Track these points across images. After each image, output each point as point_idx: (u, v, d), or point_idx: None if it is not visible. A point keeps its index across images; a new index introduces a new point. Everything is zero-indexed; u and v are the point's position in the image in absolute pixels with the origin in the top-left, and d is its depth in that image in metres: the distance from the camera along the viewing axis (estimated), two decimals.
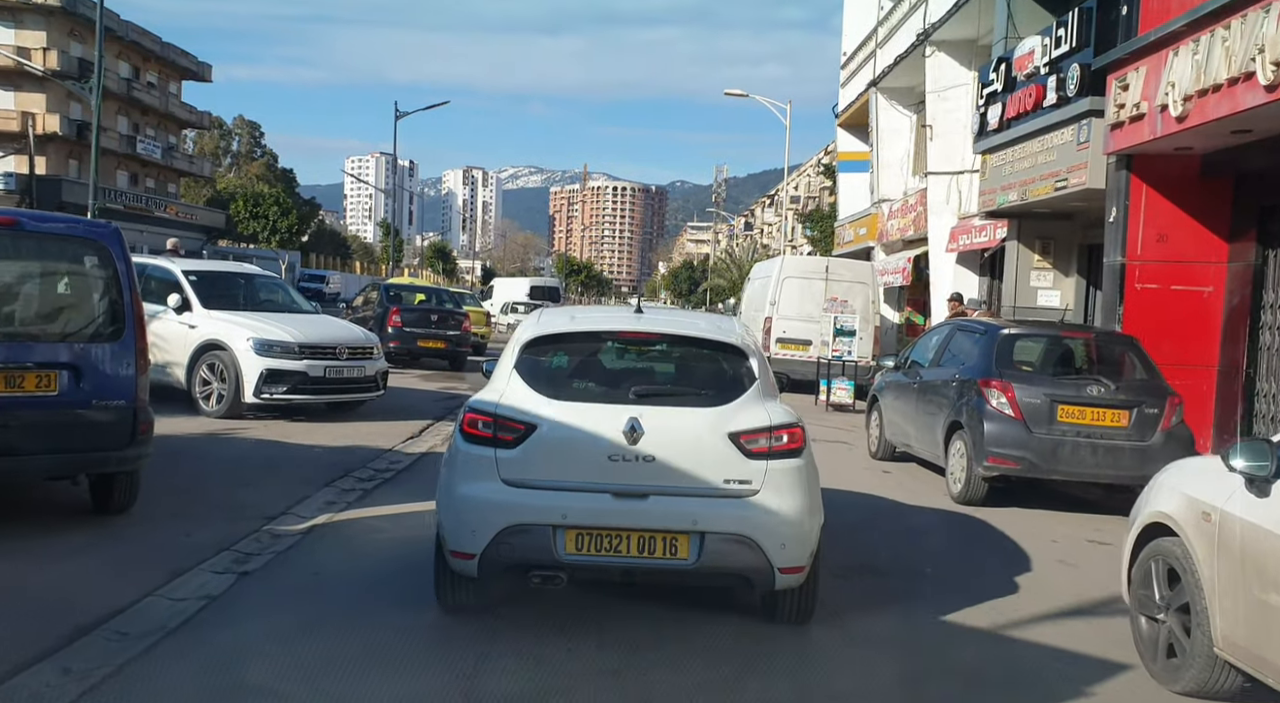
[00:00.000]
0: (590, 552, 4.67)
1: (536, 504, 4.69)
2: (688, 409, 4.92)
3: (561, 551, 4.66)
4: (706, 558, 4.64)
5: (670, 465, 4.72)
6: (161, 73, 63.04)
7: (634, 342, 5.42)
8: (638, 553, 4.67)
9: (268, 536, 6.68)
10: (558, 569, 4.71)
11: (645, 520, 4.66)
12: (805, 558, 4.83)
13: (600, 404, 4.89)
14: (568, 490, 4.72)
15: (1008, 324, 9.78)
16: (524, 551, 4.67)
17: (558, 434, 4.78)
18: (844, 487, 9.93)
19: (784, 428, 4.89)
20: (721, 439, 4.78)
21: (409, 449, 10.44)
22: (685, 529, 4.65)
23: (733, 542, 4.65)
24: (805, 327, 19.17)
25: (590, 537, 4.66)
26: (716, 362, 5.29)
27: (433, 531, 5.06)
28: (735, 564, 4.69)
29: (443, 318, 20.41)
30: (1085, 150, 12.34)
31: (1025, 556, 7.32)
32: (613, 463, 4.71)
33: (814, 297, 19.27)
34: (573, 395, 4.98)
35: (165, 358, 12.03)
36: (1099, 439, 8.65)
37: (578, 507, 4.68)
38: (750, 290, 22.55)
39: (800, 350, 19.23)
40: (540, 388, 4.96)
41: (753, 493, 4.75)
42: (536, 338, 5.21)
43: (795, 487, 4.83)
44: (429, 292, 23.22)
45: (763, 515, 4.70)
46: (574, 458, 4.77)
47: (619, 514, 4.67)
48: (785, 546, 4.71)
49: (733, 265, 76.95)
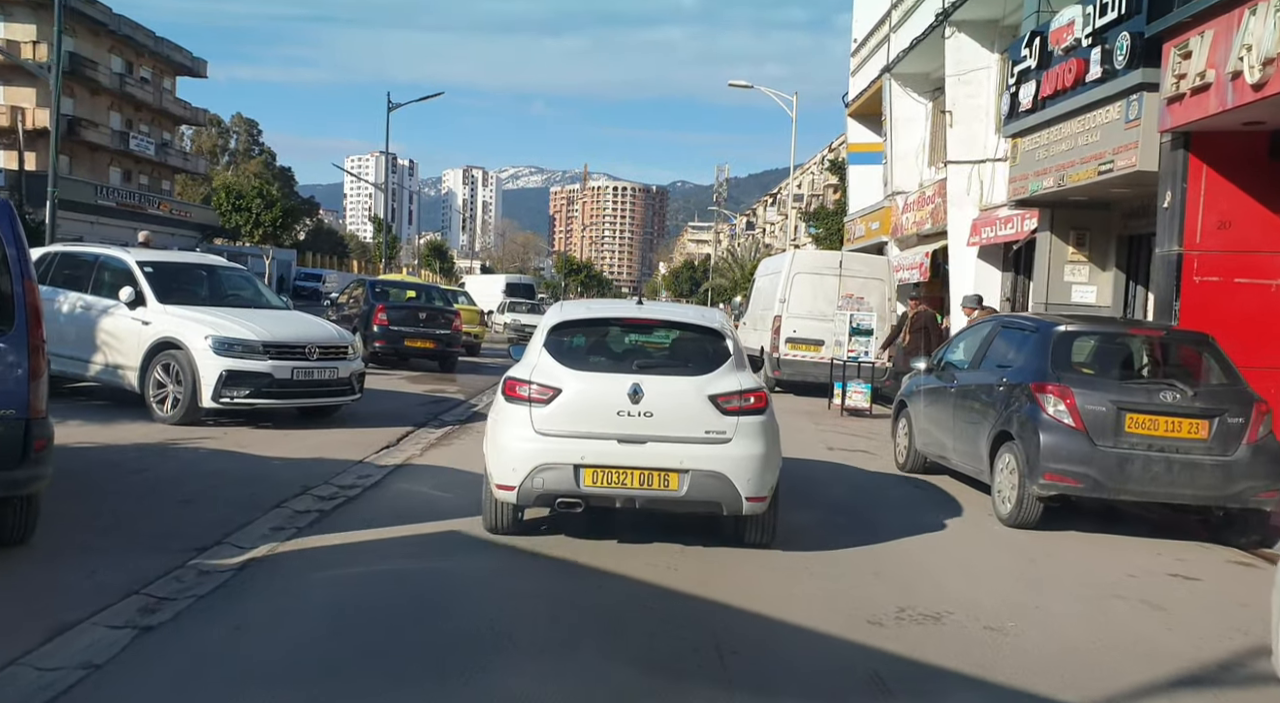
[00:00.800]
0: (603, 484, 6.03)
1: (561, 448, 6.04)
2: (678, 377, 6.28)
3: (581, 483, 6.03)
4: (692, 490, 6.02)
5: (664, 419, 6.08)
6: (155, 68, 61.94)
7: (636, 326, 6.87)
8: (639, 486, 6.04)
9: (192, 573, 5.50)
10: (578, 498, 6.08)
11: (645, 461, 6.03)
12: (766, 490, 6.18)
13: (610, 373, 6.26)
14: (585, 438, 6.05)
15: (1062, 319, 8.57)
16: (552, 483, 6.03)
17: (578, 396, 6.13)
18: (874, 507, 8.74)
19: (751, 392, 6.25)
20: (703, 400, 6.13)
21: (382, 461, 9.25)
22: (675, 468, 6.02)
23: (711, 477, 6.01)
24: (817, 326, 17.97)
25: (603, 473, 6.03)
26: (700, 342, 6.61)
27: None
28: (713, 494, 6.04)
29: (432, 316, 19.20)
30: (1135, 128, 11.13)
31: (1101, 596, 6.14)
32: (620, 417, 6.05)
33: (827, 293, 18.07)
34: (589, 367, 6.38)
35: (117, 358, 10.89)
36: (1174, 453, 7.45)
37: (593, 450, 6.03)
38: (757, 288, 21.34)
39: (812, 351, 18.03)
40: (563, 361, 6.32)
41: (726, 440, 6.10)
42: (560, 323, 6.59)
43: (759, 436, 6.18)
44: (419, 288, 21.99)
45: (734, 457, 6.06)
46: (590, 414, 6.09)
47: (625, 456, 6.03)
48: (750, 480, 6.06)
49: (734, 265, 75.72)
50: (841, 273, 18.05)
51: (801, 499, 8.36)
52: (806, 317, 18.02)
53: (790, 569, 6.24)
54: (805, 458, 10.82)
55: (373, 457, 9.44)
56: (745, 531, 6.49)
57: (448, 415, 12.91)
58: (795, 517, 7.36)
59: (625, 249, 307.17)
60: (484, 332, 25.09)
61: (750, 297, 22.51)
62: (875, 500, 9.07)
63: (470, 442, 10.87)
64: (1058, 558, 7.12)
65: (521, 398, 6.18)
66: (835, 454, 11.52)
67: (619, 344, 6.83)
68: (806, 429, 13.66)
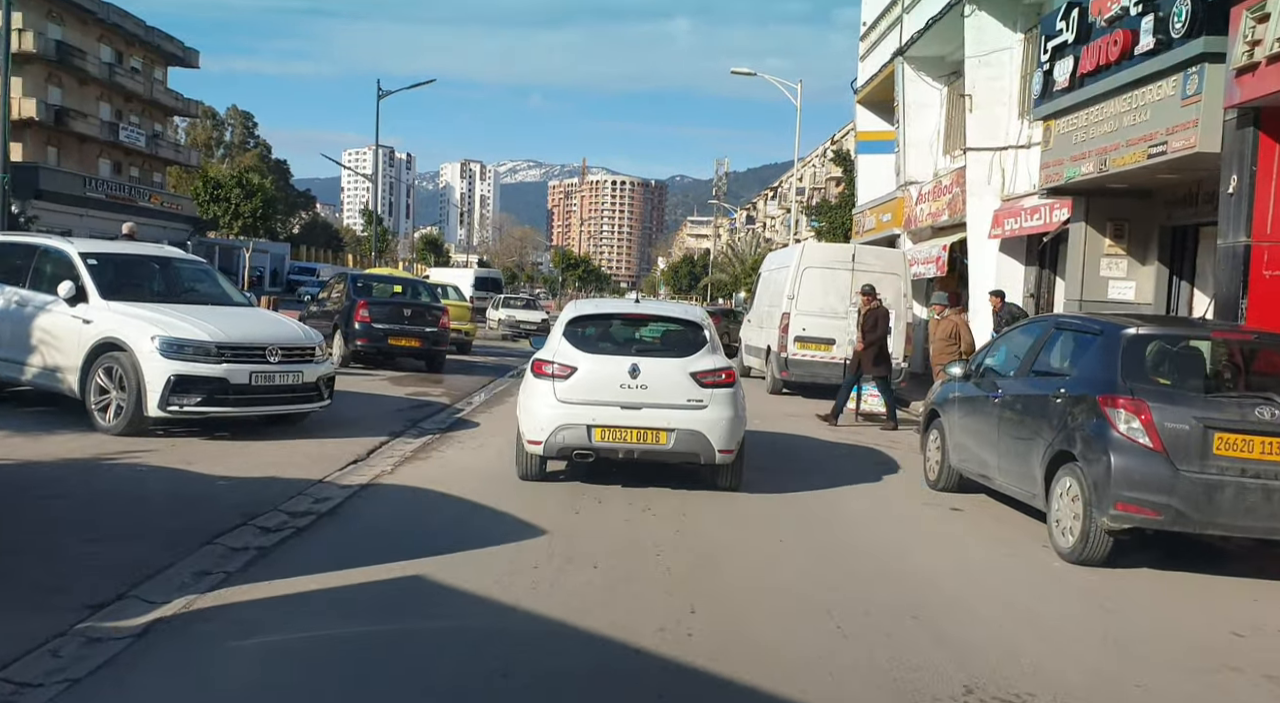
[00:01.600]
0: (609, 440, 7.75)
1: (577, 413, 7.75)
2: (666, 358, 8.03)
3: (592, 439, 7.74)
4: (677, 444, 7.74)
5: (656, 390, 7.79)
6: (146, 58, 60.70)
7: (634, 319, 8.69)
8: (637, 441, 7.77)
9: (76, 642, 4.36)
10: (590, 451, 7.78)
11: (641, 422, 7.74)
12: (735, 444, 7.92)
13: (614, 356, 8.01)
14: (595, 405, 7.76)
15: (1131, 321, 7.40)
16: (570, 439, 7.73)
17: (589, 373, 7.86)
18: (907, 535, 7.58)
19: (723, 370, 8.00)
20: (686, 376, 7.88)
21: (345, 480, 8.10)
22: (664, 427, 7.74)
23: (692, 434, 7.73)
24: (829, 323, 16.80)
25: (609, 431, 7.74)
26: (684, 332, 8.40)
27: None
28: (694, 448, 7.76)
29: (417, 313, 17.99)
30: (1194, 105, 9.96)
31: (1212, 667, 4.98)
32: (622, 389, 7.77)
33: (839, 289, 16.90)
34: (598, 350, 8.10)
35: (56, 360, 9.75)
36: (1273, 480, 6.30)
37: (601, 414, 7.74)
38: (763, 283, 20.15)
39: (823, 350, 16.87)
40: (578, 346, 8.07)
41: (704, 407, 7.81)
42: (575, 317, 8.41)
43: (729, 403, 7.91)
44: (404, 283, 20.78)
45: (709, 419, 7.78)
46: (599, 386, 7.80)
47: (626, 418, 7.75)
48: (722, 436, 7.78)
49: (735, 259, 74.62)
50: (854, 267, 16.88)
51: (820, 527, 7.23)
52: (817, 314, 16.86)
53: None
54: (820, 465, 9.71)
55: (335, 474, 8.28)
56: (718, 477, 8.24)
57: (428, 423, 11.75)
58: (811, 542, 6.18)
59: (624, 244, 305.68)
60: (474, 329, 23.90)
61: (755, 292, 21.34)
62: (907, 532, 7.93)
63: (453, 454, 9.74)
64: (1139, 607, 5.97)
65: (546, 374, 7.93)
66: (852, 468, 10.38)
67: (621, 333, 8.55)
68: (822, 435, 12.52)
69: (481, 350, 24.95)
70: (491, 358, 23.25)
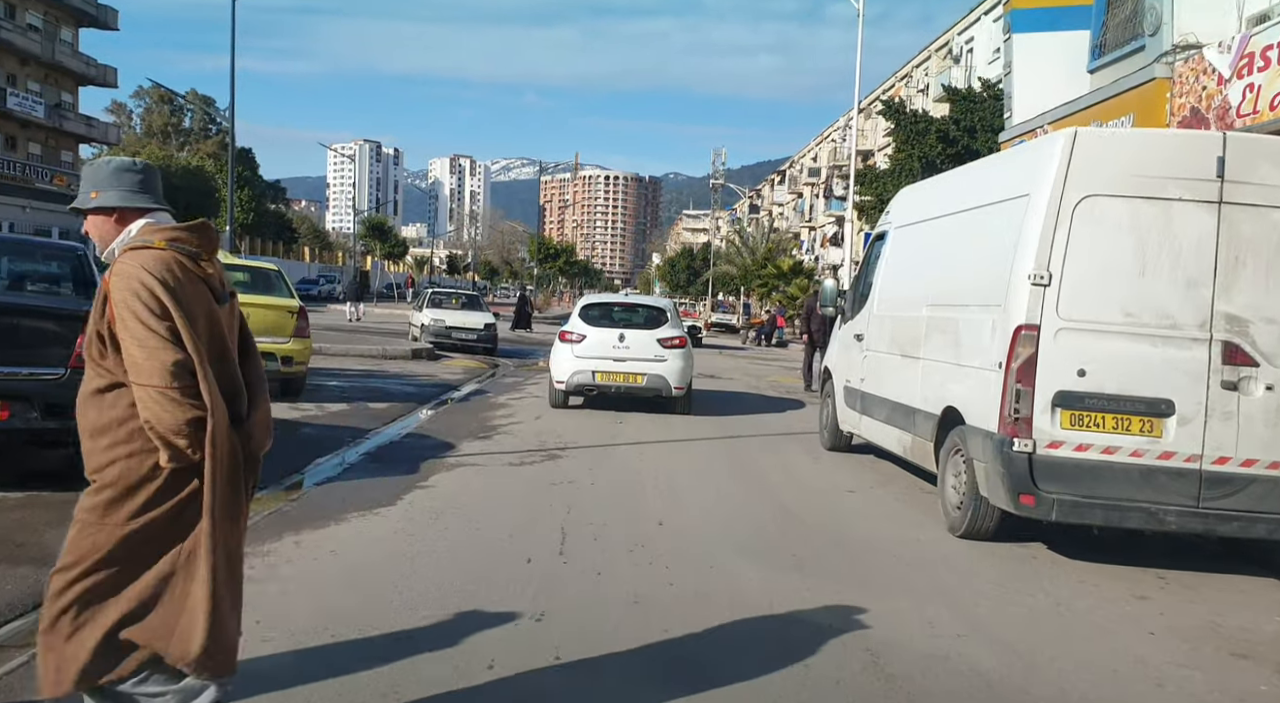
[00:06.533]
0: (605, 381, 12.87)
1: (586, 365, 12.83)
2: (643, 330, 13.18)
3: (596, 380, 12.88)
4: (648, 383, 12.83)
5: (635, 351, 12.91)
6: (48, 15, 50.21)
7: (624, 306, 14.32)
8: (623, 381, 12.84)
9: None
10: (594, 388, 13.04)
11: (625, 370, 12.82)
12: (685, 384, 13.07)
13: (610, 328, 13.18)
14: (597, 359, 12.84)
15: None
16: (581, 380, 12.88)
17: (593, 339, 12.98)
18: None
19: (679, 337, 13.23)
20: (655, 342, 12.99)
21: None
22: (640, 372, 12.83)
23: (657, 377, 12.84)
24: (1161, 355, 5.85)
25: (606, 375, 12.84)
26: (655, 314, 13.78)
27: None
28: (658, 386, 12.88)
29: None
30: None
31: None
32: (614, 349, 12.87)
33: (1181, 254, 5.94)
34: (599, 325, 13.28)
35: None
36: None
37: (601, 364, 12.84)
38: (892, 258, 9.21)
39: (1140, 436, 5.83)
40: (588, 322, 13.34)
41: (664, 361, 12.91)
42: (587, 304, 14.05)
43: (681, 358, 13.05)
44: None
45: (668, 368, 12.89)
46: (599, 348, 12.89)
47: (616, 367, 12.82)
48: (675, 379, 12.93)
49: (743, 249, 63.44)
50: (1226, 193, 5.82)
51: None
52: (1122, 327, 5.90)
53: None
54: None
55: None
56: (675, 406, 13.27)
57: None
58: None
59: (618, 240, 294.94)
60: (305, 348, 12.40)
61: (862, 281, 10.11)
62: None
63: None
64: None
65: (568, 340, 12.98)
66: None
67: (614, 314, 13.81)
68: None
69: (320, 370, 13.92)
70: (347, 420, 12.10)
